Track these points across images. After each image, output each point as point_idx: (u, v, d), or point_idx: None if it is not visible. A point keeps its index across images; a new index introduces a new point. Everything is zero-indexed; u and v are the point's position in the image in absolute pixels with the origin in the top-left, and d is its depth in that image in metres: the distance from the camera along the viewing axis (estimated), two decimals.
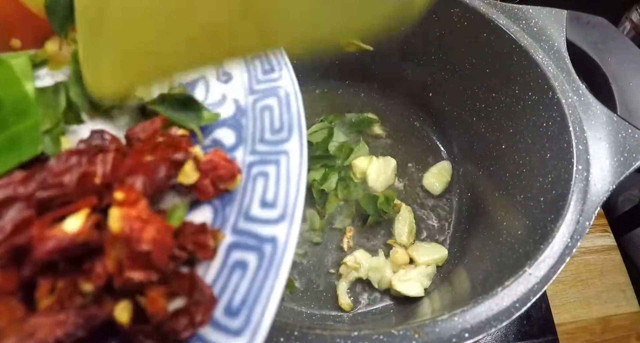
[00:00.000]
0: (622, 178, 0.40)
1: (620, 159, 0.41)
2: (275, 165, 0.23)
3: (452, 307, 0.33)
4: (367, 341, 0.31)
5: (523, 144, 0.49)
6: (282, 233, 0.21)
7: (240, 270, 0.21)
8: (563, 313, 0.59)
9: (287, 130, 0.25)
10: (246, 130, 0.26)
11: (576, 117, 0.43)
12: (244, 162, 0.24)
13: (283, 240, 0.21)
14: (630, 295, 0.61)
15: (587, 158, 0.41)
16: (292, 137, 0.24)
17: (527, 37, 0.48)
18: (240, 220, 0.22)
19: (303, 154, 0.24)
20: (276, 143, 0.24)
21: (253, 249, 0.21)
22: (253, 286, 0.20)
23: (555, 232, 0.37)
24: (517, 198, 0.48)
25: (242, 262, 0.21)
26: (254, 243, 0.21)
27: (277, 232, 0.21)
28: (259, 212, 0.22)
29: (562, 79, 0.45)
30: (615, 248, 0.65)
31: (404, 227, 0.57)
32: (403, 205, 0.58)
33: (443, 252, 0.55)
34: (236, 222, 0.22)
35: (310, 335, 0.31)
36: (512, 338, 0.55)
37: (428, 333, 0.31)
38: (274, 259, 0.20)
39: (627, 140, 0.42)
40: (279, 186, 0.23)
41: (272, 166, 0.23)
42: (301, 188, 0.23)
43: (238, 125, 0.26)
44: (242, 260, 0.21)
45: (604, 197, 0.39)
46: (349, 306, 0.52)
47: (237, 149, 0.25)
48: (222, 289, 0.21)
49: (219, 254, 0.22)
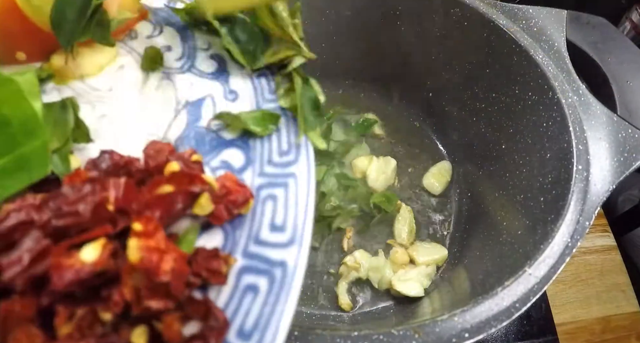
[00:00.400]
0: (622, 178, 0.40)
1: (620, 159, 0.41)
2: (284, 188, 0.24)
3: (452, 307, 0.33)
4: (367, 341, 0.31)
5: (523, 144, 0.49)
6: (291, 257, 0.21)
7: (252, 294, 0.21)
8: (563, 313, 0.59)
9: (294, 152, 0.25)
10: (254, 152, 0.26)
11: (576, 117, 0.43)
12: (253, 185, 0.24)
13: (293, 265, 0.21)
14: (630, 295, 0.61)
15: (587, 158, 0.41)
16: (300, 159, 0.24)
17: (527, 37, 0.48)
18: (251, 244, 0.23)
19: (311, 176, 0.24)
20: (284, 165, 0.25)
21: (264, 273, 0.21)
22: (264, 310, 0.20)
23: (555, 232, 0.37)
24: (517, 198, 0.48)
25: (253, 286, 0.21)
26: (265, 267, 0.22)
27: (286, 256, 0.22)
28: (268, 235, 0.23)
29: (562, 79, 0.45)
30: (615, 248, 0.65)
31: (404, 227, 0.57)
32: (403, 205, 0.58)
33: (443, 252, 0.55)
34: (247, 246, 0.23)
35: (310, 335, 0.31)
36: (512, 338, 0.55)
37: (428, 333, 0.31)
38: (284, 283, 0.21)
39: (627, 140, 0.42)
40: (288, 209, 0.23)
41: (281, 189, 0.24)
42: (309, 211, 0.23)
43: (246, 146, 0.26)
44: (253, 284, 0.21)
45: (604, 197, 0.39)
46: (349, 306, 0.52)
47: (245, 171, 0.25)
48: (234, 313, 0.21)
49: (231, 278, 0.22)
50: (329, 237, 0.57)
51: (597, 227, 0.66)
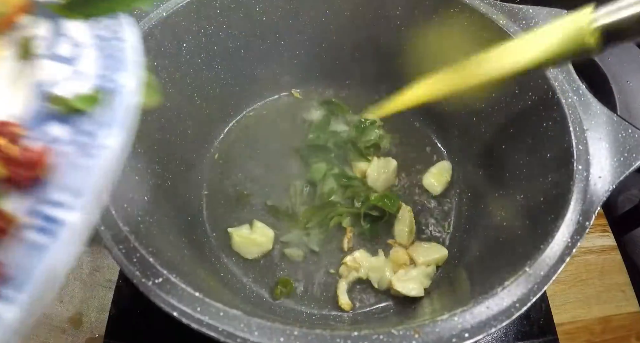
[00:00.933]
0: (622, 178, 0.40)
1: (620, 159, 0.41)
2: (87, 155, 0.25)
3: (452, 307, 0.33)
4: (367, 341, 0.31)
5: (523, 144, 0.49)
6: (75, 219, 0.23)
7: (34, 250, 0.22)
8: (563, 313, 0.59)
9: (106, 125, 0.26)
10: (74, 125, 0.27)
11: (576, 117, 0.43)
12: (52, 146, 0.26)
13: (76, 227, 0.23)
14: (630, 295, 0.61)
15: (587, 158, 0.41)
16: (111, 132, 0.26)
17: None
18: (37, 203, 0.24)
19: (119, 148, 0.25)
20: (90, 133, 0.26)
21: (45, 231, 0.23)
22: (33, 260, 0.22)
23: (555, 232, 0.37)
24: (517, 198, 0.48)
25: (34, 242, 0.23)
26: (47, 225, 0.23)
27: (69, 218, 0.23)
28: (56, 196, 0.24)
29: (562, 79, 0.45)
30: (615, 248, 0.65)
31: (404, 227, 0.57)
32: (403, 205, 0.58)
33: (443, 252, 0.55)
34: (33, 205, 0.24)
35: (310, 335, 0.31)
36: (512, 338, 0.55)
37: (428, 333, 0.31)
38: (63, 241, 0.22)
39: (627, 140, 0.42)
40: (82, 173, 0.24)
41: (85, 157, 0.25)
42: (103, 178, 0.24)
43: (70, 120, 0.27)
44: (34, 240, 0.23)
45: (604, 197, 0.39)
46: (349, 306, 0.52)
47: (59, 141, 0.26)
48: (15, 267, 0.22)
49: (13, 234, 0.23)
50: (329, 237, 0.57)
51: (597, 227, 0.66)
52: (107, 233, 0.35)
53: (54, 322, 0.57)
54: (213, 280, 0.49)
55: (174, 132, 0.54)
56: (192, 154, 0.60)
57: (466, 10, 0.51)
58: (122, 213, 0.37)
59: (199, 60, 0.55)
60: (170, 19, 0.48)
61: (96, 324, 0.56)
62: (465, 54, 0.48)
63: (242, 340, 0.31)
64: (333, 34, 0.61)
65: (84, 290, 0.59)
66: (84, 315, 0.57)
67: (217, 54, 0.57)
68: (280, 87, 0.69)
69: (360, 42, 0.62)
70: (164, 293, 0.33)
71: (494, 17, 0.49)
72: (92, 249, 0.62)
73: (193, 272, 0.43)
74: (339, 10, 0.58)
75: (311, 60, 0.65)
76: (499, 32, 0.49)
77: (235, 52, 0.59)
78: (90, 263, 0.61)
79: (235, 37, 0.57)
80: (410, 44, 0.59)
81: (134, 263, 0.34)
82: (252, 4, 0.55)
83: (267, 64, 0.64)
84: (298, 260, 0.55)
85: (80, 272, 0.60)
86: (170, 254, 0.40)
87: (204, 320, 0.32)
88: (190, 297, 0.33)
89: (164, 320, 0.32)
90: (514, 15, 0.49)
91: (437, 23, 0.54)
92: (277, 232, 0.56)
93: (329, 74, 0.68)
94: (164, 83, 0.51)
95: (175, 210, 0.52)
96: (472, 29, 0.52)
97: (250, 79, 0.64)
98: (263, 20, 0.57)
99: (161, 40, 0.48)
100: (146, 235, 0.39)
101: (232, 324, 0.31)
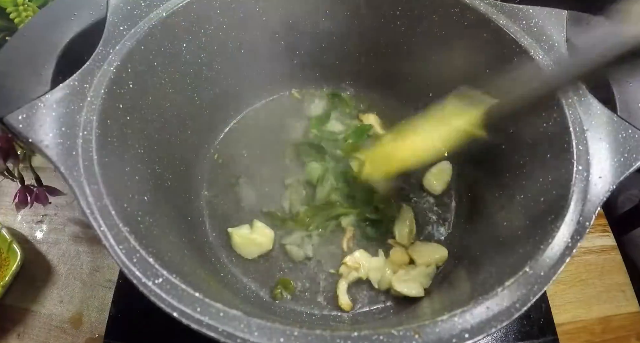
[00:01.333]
0: (622, 178, 0.40)
1: (620, 159, 0.41)
2: None
3: (452, 307, 0.33)
4: (367, 341, 0.31)
5: (523, 144, 0.49)
6: None
7: None
8: (563, 313, 0.59)
9: None
10: None
11: (576, 117, 0.43)
12: None
13: None
14: (630, 295, 0.61)
15: (587, 158, 0.41)
16: None
17: (527, 37, 0.47)
18: None
19: None
20: None
21: None
22: None
23: (555, 232, 0.37)
24: (517, 198, 0.48)
25: None
26: None
27: None
28: None
29: None
30: (615, 248, 0.65)
31: (404, 227, 0.57)
32: (403, 205, 0.58)
33: (443, 252, 0.55)
34: None
35: (310, 335, 0.31)
36: (512, 338, 0.55)
37: (428, 334, 0.31)
38: None
39: (627, 140, 0.42)
40: None
41: None
42: None
43: None
44: None
45: (604, 197, 0.39)
46: (349, 306, 0.52)
47: None
48: None
49: None
50: (329, 237, 0.57)
51: (597, 227, 0.66)
52: (107, 234, 0.35)
53: (54, 322, 0.57)
54: (213, 281, 0.49)
55: (174, 132, 0.54)
56: (192, 154, 0.60)
57: (466, 10, 0.51)
58: (122, 214, 0.36)
59: (199, 60, 0.55)
60: (170, 19, 0.48)
61: (96, 324, 0.56)
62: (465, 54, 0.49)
63: (242, 340, 0.31)
64: (333, 34, 0.61)
65: (84, 290, 0.59)
66: (84, 315, 0.57)
67: (217, 54, 0.57)
68: (280, 87, 0.69)
69: (360, 42, 0.62)
70: (164, 293, 0.33)
71: (494, 17, 0.49)
72: (92, 249, 0.62)
73: (193, 272, 0.43)
74: (339, 11, 0.58)
75: (311, 60, 0.65)
76: (499, 32, 0.49)
77: (235, 52, 0.59)
78: (90, 263, 0.61)
79: (236, 37, 0.57)
80: (411, 44, 0.60)
81: (134, 263, 0.34)
82: (252, 4, 0.55)
83: (267, 64, 0.64)
84: (298, 261, 0.55)
85: (80, 272, 0.61)
86: (170, 254, 0.40)
87: (203, 320, 0.32)
88: (190, 297, 0.33)
89: (164, 320, 0.32)
90: (514, 15, 0.49)
91: (437, 23, 0.54)
92: (277, 232, 0.56)
93: (329, 74, 0.68)
94: (164, 83, 0.51)
95: (175, 210, 0.52)
96: (472, 29, 0.51)
97: (250, 79, 0.64)
98: (263, 20, 0.57)
99: (161, 40, 0.48)
100: (146, 235, 0.38)
101: (232, 324, 0.31)
